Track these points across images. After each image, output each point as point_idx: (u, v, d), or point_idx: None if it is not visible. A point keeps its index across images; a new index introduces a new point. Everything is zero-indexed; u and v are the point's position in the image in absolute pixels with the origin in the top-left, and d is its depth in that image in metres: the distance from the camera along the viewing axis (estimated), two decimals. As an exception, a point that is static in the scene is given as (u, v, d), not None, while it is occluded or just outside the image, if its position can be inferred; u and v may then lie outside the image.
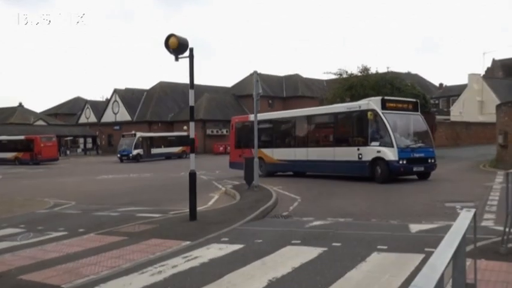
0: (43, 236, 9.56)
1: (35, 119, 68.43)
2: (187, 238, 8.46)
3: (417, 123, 18.85)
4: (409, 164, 17.00)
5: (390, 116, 17.44)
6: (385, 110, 17.46)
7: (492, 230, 8.19)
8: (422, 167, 17.59)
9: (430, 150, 17.97)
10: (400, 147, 16.82)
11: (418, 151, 17.48)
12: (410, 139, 18.30)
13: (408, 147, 17.30)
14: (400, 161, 16.64)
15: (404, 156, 16.79)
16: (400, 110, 18.27)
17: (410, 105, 18.89)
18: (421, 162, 17.47)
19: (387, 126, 17.03)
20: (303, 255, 6.86)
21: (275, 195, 13.96)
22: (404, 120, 18.35)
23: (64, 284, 6.00)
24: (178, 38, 10.01)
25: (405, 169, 17.09)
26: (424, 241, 7.38)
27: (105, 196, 17.34)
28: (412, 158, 17.10)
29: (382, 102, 17.77)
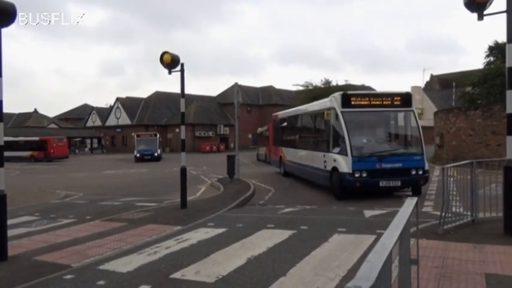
0: (55, 222, 9.37)
1: (48, 123, 67.01)
2: (178, 223, 8.39)
3: (402, 122, 12.20)
4: (373, 178, 10.79)
5: (353, 114, 11.49)
6: (347, 107, 11.48)
7: (431, 214, 8.33)
8: (399, 180, 10.95)
9: (416, 159, 11.15)
10: (356, 155, 10.83)
11: (390, 160, 10.91)
12: (384, 144, 11.79)
13: (373, 155, 10.94)
14: (355, 173, 10.74)
15: (362, 168, 10.75)
16: (372, 106, 11.64)
17: (395, 99, 11.73)
18: (397, 174, 10.92)
19: (343, 128, 11.17)
20: (276, 237, 6.87)
21: (253, 187, 13.95)
22: (378, 119, 12.09)
23: (73, 264, 5.89)
24: (171, 54, 9.93)
25: (364, 184, 10.86)
26: (376, 224, 7.46)
27: (109, 188, 17.07)
28: (379, 170, 10.80)
29: (343, 98, 11.54)
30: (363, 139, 11.63)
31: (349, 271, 4.97)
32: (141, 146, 38.97)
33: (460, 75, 49.35)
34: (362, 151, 11.08)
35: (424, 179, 11.32)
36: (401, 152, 11.42)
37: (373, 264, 1.71)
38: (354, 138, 11.23)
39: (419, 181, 11.28)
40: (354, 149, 10.96)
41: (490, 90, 24.91)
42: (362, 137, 11.68)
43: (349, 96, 11.68)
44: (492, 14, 6.41)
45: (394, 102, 11.67)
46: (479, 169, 7.36)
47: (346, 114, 11.39)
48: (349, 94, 11.76)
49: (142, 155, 37.82)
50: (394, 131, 12.43)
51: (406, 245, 2.88)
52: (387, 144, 11.81)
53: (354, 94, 11.93)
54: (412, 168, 11.00)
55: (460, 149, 20.16)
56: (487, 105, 20.61)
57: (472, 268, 4.91)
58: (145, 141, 39.63)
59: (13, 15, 6.08)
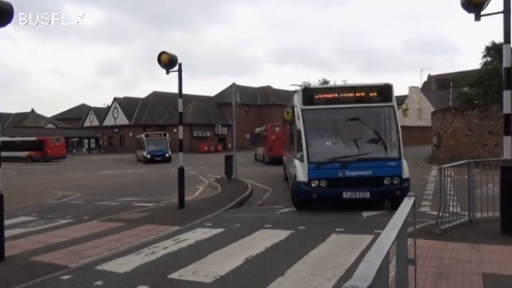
0: (52, 223, 9.34)
1: (45, 123, 66.85)
2: (176, 223, 8.38)
3: (378, 120, 9.96)
4: (334, 188, 8.96)
5: (316, 113, 9.70)
6: (309, 104, 9.63)
7: (428, 214, 8.36)
8: (367, 192, 8.97)
9: (390, 165, 9.14)
10: (314, 161, 9.07)
11: (357, 166, 8.99)
12: (352, 147, 9.57)
13: (335, 161, 9.05)
14: (311, 182, 8.99)
15: (321, 176, 8.98)
16: (341, 102, 9.66)
17: (370, 92, 9.73)
18: (365, 184, 8.96)
19: (301, 128, 9.44)
20: (273, 237, 6.87)
21: (250, 187, 13.94)
22: (347, 117, 9.79)
23: (70, 264, 5.88)
24: (169, 54, 9.92)
25: (323, 196, 9.10)
26: (373, 224, 7.47)
27: (106, 188, 17.04)
28: (342, 179, 8.94)
29: (305, 94, 9.68)
30: (325, 142, 9.76)
31: (346, 271, 4.97)
32: (151, 147, 36.07)
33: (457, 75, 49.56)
34: (321, 156, 9.16)
35: (401, 190, 8.70)
36: (372, 157, 9.10)
37: (370, 264, 1.71)
38: (314, 140, 9.52)
39: (394, 192, 8.87)
40: (311, 153, 9.16)
41: (487, 91, 25.00)
42: (325, 140, 9.82)
43: (312, 91, 9.85)
44: (489, 15, 6.43)
45: (370, 97, 9.56)
46: (476, 169, 7.39)
47: (307, 113, 9.58)
48: (312, 89, 9.98)
49: (153, 156, 35.23)
50: (366, 131, 9.86)
51: (403, 245, 2.88)
52: (355, 148, 9.43)
53: (319, 89, 10.26)
54: (385, 176, 8.92)
55: (457, 149, 20.21)
56: (484, 106, 20.68)
57: (469, 268, 4.92)
58: (155, 142, 36.88)
59: (10, 15, 6.06)
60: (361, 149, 9.35)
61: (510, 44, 6.39)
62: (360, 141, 9.63)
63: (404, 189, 8.75)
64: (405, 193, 8.54)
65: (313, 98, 9.67)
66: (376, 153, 9.37)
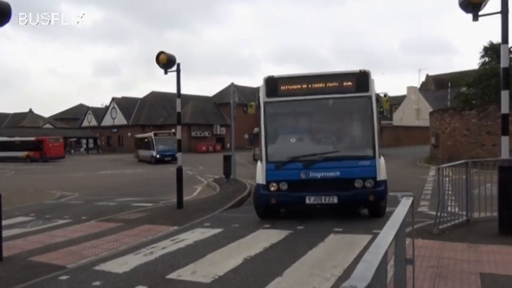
0: (50, 223, 9.33)
1: (43, 123, 66.75)
2: (175, 224, 8.37)
3: (352, 113, 8.76)
4: (296, 192, 7.72)
5: (280, 106, 8.36)
6: (273, 96, 8.27)
7: (427, 214, 8.37)
8: (335, 196, 7.64)
9: (362, 164, 7.75)
10: (272, 161, 7.92)
11: (322, 167, 7.70)
12: (318, 144, 8.41)
13: (297, 161, 7.80)
14: (270, 185, 7.83)
15: (280, 178, 7.79)
16: (310, 93, 8.24)
17: (344, 81, 8.19)
18: (333, 187, 7.66)
19: (261, 124, 8.25)
20: (272, 237, 6.87)
21: (249, 187, 13.93)
22: (316, 110, 8.58)
23: (68, 264, 5.87)
24: (167, 54, 9.91)
25: (283, 201, 7.95)
26: (372, 224, 7.47)
27: (105, 188, 17.02)
28: (306, 181, 7.70)
29: (268, 84, 8.29)
30: (289, 138, 8.48)
31: (345, 271, 4.97)
32: (160, 146, 34.06)
33: (455, 75, 49.65)
34: (282, 155, 7.95)
35: (376, 195, 7.57)
36: (341, 156, 7.78)
37: (368, 264, 1.72)
38: (275, 137, 8.39)
39: (367, 197, 7.59)
40: (270, 152, 8.00)
41: (484, 91, 25.06)
42: (288, 136, 8.54)
43: (276, 81, 8.32)
44: (487, 15, 6.45)
45: (344, 86, 8.10)
46: (474, 169, 7.41)
47: (270, 106, 8.28)
48: (276, 78, 8.34)
49: (162, 156, 33.19)
50: (337, 126, 8.80)
51: (401, 245, 2.89)
52: (323, 145, 8.33)
53: (284, 78, 8.44)
54: (356, 178, 7.56)
55: (455, 149, 20.25)
56: (482, 106, 20.73)
57: (467, 268, 4.93)
58: (165, 141, 34.70)
59: (8, 15, 6.06)
60: (329, 147, 8.23)
61: (508, 44, 6.41)
62: (329, 138, 8.61)
63: (379, 194, 7.61)
64: (381, 198, 7.73)
65: (278, 88, 8.28)
66: (346, 151, 8.09)
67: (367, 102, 8.06)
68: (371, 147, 7.87)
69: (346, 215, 8.83)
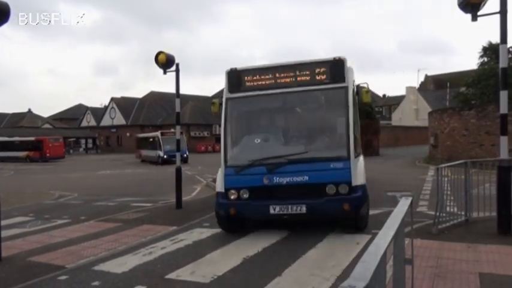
0: (49, 223, 9.32)
1: (42, 123, 66.70)
2: (174, 224, 8.37)
3: (326, 107, 7.74)
4: (258, 201, 6.66)
5: (243, 102, 7.54)
6: (236, 91, 7.48)
7: (426, 214, 8.36)
8: (303, 205, 6.47)
9: (335, 167, 6.53)
10: (232, 165, 6.95)
11: (288, 171, 6.60)
12: (284, 145, 7.31)
13: (260, 165, 6.73)
14: (229, 193, 6.82)
15: (241, 185, 6.77)
16: (278, 86, 7.28)
17: (317, 71, 7.19)
18: (301, 195, 6.52)
19: (222, 123, 7.35)
20: (271, 237, 6.86)
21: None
22: (284, 105, 7.67)
23: (67, 264, 5.87)
24: (166, 54, 9.90)
25: (244, 211, 6.81)
26: (371, 224, 7.47)
27: (104, 189, 17.00)
28: (270, 188, 6.62)
29: (231, 78, 7.50)
30: (253, 139, 7.42)
31: (344, 271, 4.98)
32: (167, 146, 31.94)
33: (454, 75, 49.68)
34: (244, 158, 6.93)
35: (352, 202, 6.38)
36: (310, 157, 6.64)
37: (367, 264, 1.72)
38: (236, 138, 7.48)
39: (341, 206, 6.35)
40: (231, 155, 7.11)
41: (483, 91, 25.07)
42: (252, 136, 7.52)
43: (240, 74, 7.45)
44: (486, 15, 6.45)
45: (317, 77, 7.11)
46: (473, 169, 7.41)
47: (233, 103, 7.43)
48: (240, 71, 7.46)
49: (170, 156, 30.42)
50: (308, 122, 7.82)
51: (400, 245, 2.89)
52: (289, 146, 7.24)
53: (249, 70, 7.47)
54: (327, 183, 6.40)
55: (454, 149, 20.26)
56: (480, 106, 20.73)
57: (466, 267, 4.94)
58: (172, 141, 32.18)
59: (7, 15, 6.05)
60: (298, 147, 7.07)
61: (507, 45, 6.42)
62: (298, 137, 7.57)
63: (356, 202, 6.43)
64: (357, 207, 6.48)
65: (241, 82, 7.41)
66: (317, 151, 6.88)
67: (343, 95, 6.98)
68: (345, 147, 6.64)
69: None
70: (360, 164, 7.04)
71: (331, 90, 7.18)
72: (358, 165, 6.83)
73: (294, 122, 7.98)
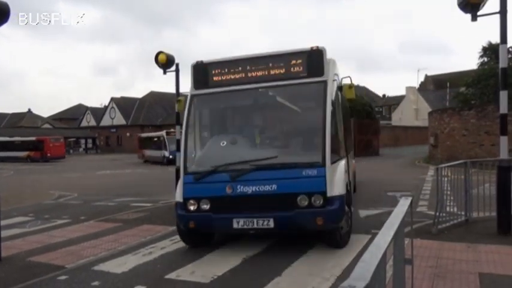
0: (49, 223, 9.31)
1: (42, 123, 66.71)
2: (174, 224, 8.32)
3: (301, 104, 7.16)
4: (220, 213, 5.77)
5: (211, 99, 6.82)
6: (203, 87, 6.71)
7: (426, 214, 8.36)
8: (270, 218, 5.59)
9: (307, 175, 5.60)
10: (192, 172, 6.17)
11: (253, 179, 5.70)
12: (252, 148, 6.44)
13: (223, 171, 5.88)
14: (188, 204, 5.97)
15: (201, 194, 5.92)
16: (251, 81, 6.46)
17: (292, 63, 6.30)
18: (267, 206, 5.61)
19: (183, 124, 6.64)
20: (270, 238, 6.86)
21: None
22: (255, 103, 6.92)
23: (67, 264, 5.87)
24: (166, 54, 9.89)
25: (204, 224, 5.94)
26: (371, 224, 7.48)
27: (104, 189, 17.00)
28: (233, 199, 5.73)
29: (196, 72, 6.73)
30: (219, 141, 6.53)
31: (344, 271, 4.98)
32: (173, 146, 29.69)
33: (454, 75, 49.65)
34: (206, 163, 6.16)
35: (326, 216, 5.49)
36: (279, 163, 5.78)
37: (367, 264, 1.72)
38: (199, 140, 6.82)
39: (314, 220, 5.48)
40: (191, 160, 6.36)
41: (483, 91, 25.08)
42: (217, 139, 6.70)
43: (206, 67, 6.66)
44: (486, 15, 6.45)
45: (292, 70, 6.29)
46: (473, 169, 7.42)
47: (198, 100, 6.70)
48: (207, 64, 6.67)
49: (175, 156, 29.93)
50: (281, 122, 7.20)
51: (400, 245, 2.89)
52: (258, 149, 6.41)
53: (216, 63, 6.67)
54: (299, 194, 5.54)
55: (454, 149, 20.26)
56: (480, 106, 20.74)
57: (465, 267, 4.94)
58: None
59: (7, 15, 6.05)
60: (267, 151, 6.20)
61: (506, 45, 6.42)
62: (269, 139, 6.75)
63: (331, 215, 5.52)
64: (333, 221, 5.57)
65: (208, 77, 6.62)
66: (288, 156, 6.05)
67: (321, 90, 6.06)
68: (319, 151, 5.71)
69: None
70: (340, 170, 5.99)
71: (308, 85, 6.28)
72: (337, 172, 5.90)
73: (266, 121, 7.27)
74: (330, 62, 6.40)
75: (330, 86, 6.14)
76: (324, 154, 5.69)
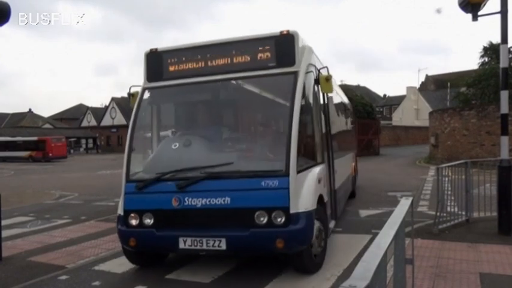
0: (50, 223, 9.32)
1: (43, 123, 66.73)
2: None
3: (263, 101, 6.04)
4: (167, 231, 4.83)
5: (164, 93, 5.89)
6: (157, 79, 5.75)
7: (426, 214, 8.36)
8: (222, 238, 4.60)
9: (266, 186, 4.56)
10: (133, 180, 5.16)
11: (206, 190, 4.73)
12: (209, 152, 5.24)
13: (169, 179, 4.91)
14: (129, 218, 5.02)
15: (144, 207, 4.99)
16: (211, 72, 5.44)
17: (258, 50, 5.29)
18: (219, 224, 4.69)
19: (130, 123, 5.67)
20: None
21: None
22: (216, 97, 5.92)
23: (68, 264, 5.87)
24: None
25: (146, 243, 4.99)
26: (371, 224, 7.48)
27: (104, 188, 17.00)
28: (181, 213, 4.78)
29: (150, 62, 5.78)
30: (170, 144, 5.69)
31: (344, 271, 4.98)
32: None
33: (454, 75, 49.67)
34: (149, 170, 5.30)
35: (288, 238, 4.51)
36: (236, 171, 4.83)
37: (368, 264, 1.72)
38: (147, 141, 6.04)
39: (273, 241, 4.51)
40: (135, 165, 5.37)
41: (484, 91, 25.06)
42: (168, 140, 5.91)
43: (161, 56, 5.74)
44: (486, 15, 6.45)
45: (258, 59, 5.31)
46: (473, 169, 7.42)
47: (149, 95, 5.85)
48: (161, 52, 5.75)
49: None
50: (242, 121, 6.50)
51: (401, 245, 2.89)
52: (214, 153, 5.26)
53: (172, 51, 5.74)
54: (256, 209, 4.58)
55: (455, 149, 20.25)
56: (481, 106, 20.72)
57: (466, 267, 4.94)
58: None
59: (7, 15, 6.05)
60: (224, 155, 5.20)
61: (507, 44, 6.42)
62: (228, 141, 5.65)
63: (295, 237, 4.52)
64: (296, 244, 4.58)
65: (163, 68, 5.71)
66: (247, 162, 5.08)
67: (290, 83, 5.03)
68: (283, 157, 4.68)
69: (344, 214, 8.82)
70: (310, 180, 4.95)
71: (275, 77, 5.26)
72: (306, 182, 4.85)
73: (226, 120, 6.29)
74: (305, 50, 5.44)
75: (301, 77, 5.09)
76: (288, 161, 4.62)
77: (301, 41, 5.35)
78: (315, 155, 5.52)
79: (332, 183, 6.24)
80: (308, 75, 5.29)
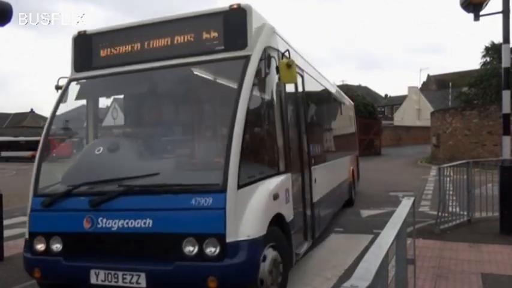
0: (51, 223, 9.31)
1: (44, 123, 66.66)
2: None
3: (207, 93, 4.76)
4: (77, 261, 3.74)
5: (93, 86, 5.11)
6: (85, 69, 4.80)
7: (428, 214, 8.35)
8: (142, 273, 3.50)
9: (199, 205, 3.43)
10: (40, 194, 4.11)
11: (123, 209, 3.66)
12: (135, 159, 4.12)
13: (80, 193, 3.89)
14: (36, 242, 3.99)
15: (51, 228, 3.94)
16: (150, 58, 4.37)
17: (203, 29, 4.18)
18: (138, 254, 3.61)
19: (49, 122, 4.98)
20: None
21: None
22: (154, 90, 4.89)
23: (69, 264, 5.85)
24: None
25: (54, 276, 3.92)
26: (373, 224, 7.47)
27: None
28: (93, 237, 3.71)
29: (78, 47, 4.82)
30: (92, 149, 4.66)
31: (346, 271, 4.97)
32: None
33: (456, 75, 49.58)
34: (64, 181, 4.32)
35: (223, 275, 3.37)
36: (161, 184, 3.77)
37: (369, 264, 1.71)
38: (65, 146, 5.41)
39: (204, 280, 3.36)
40: (45, 175, 4.40)
41: (486, 91, 25.04)
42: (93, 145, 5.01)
43: (90, 40, 4.81)
44: (488, 15, 6.45)
45: (203, 40, 4.25)
46: (475, 169, 7.41)
47: (75, 87, 5.00)
48: (91, 36, 4.81)
49: None
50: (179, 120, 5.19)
51: (402, 245, 2.88)
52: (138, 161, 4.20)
53: (104, 34, 4.81)
54: (184, 236, 3.49)
55: (457, 149, 20.24)
56: (483, 106, 20.71)
57: (468, 268, 4.93)
58: None
59: (9, 15, 6.04)
60: (152, 163, 4.19)
61: (509, 44, 6.40)
62: (160, 145, 4.71)
63: (231, 272, 3.42)
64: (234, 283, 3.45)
65: (93, 55, 4.78)
66: (176, 173, 4.02)
67: (239, 70, 3.95)
68: (221, 167, 3.60)
69: (345, 215, 8.82)
70: (261, 196, 3.82)
71: (221, 63, 4.21)
72: (254, 199, 3.74)
73: (163, 118, 5.26)
74: (263, 30, 4.29)
75: (253, 63, 3.98)
76: (227, 172, 3.52)
77: (258, 19, 4.29)
78: (273, 162, 4.32)
79: (309, 195, 5.22)
80: (265, 61, 4.16)
